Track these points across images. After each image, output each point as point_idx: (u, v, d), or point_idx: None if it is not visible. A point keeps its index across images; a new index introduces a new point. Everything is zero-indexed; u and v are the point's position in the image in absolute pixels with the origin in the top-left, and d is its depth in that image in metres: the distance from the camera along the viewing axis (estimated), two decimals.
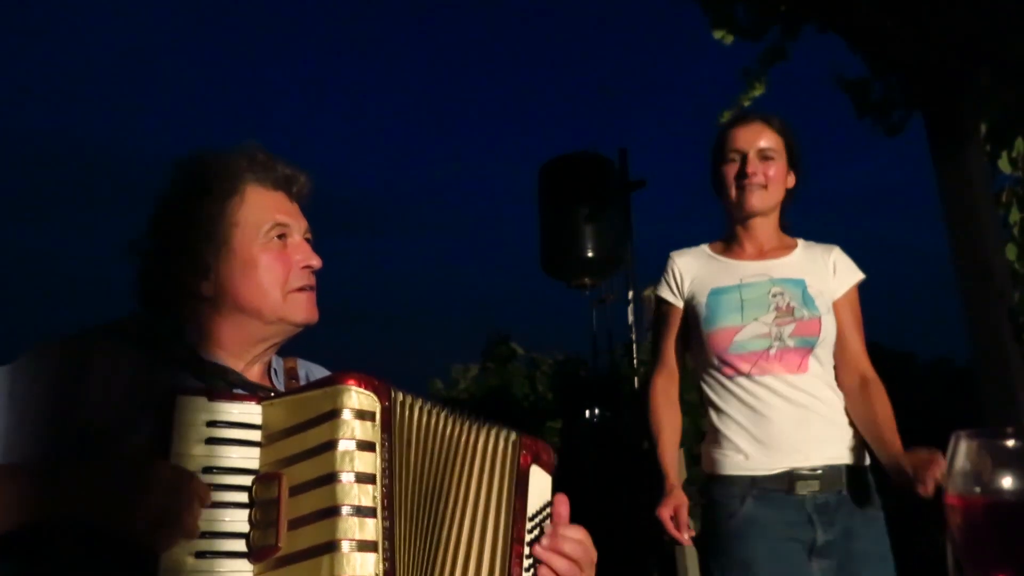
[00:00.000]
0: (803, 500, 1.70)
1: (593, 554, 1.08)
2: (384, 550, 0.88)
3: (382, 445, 0.92)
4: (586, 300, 3.93)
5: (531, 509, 1.07)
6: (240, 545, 0.88)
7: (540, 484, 1.10)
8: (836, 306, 1.83)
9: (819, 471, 1.70)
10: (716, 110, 3.66)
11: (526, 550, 1.04)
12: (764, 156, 1.82)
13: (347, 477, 0.88)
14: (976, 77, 3.14)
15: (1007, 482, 0.58)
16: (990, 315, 2.91)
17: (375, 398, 0.93)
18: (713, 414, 1.84)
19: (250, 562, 0.88)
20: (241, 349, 1.16)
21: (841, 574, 1.69)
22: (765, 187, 1.81)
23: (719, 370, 1.81)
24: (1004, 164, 3.40)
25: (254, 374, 1.17)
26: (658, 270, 2.00)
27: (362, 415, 0.91)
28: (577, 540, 1.06)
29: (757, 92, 3.56)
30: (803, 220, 2.00)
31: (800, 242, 1.91)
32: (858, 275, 1.88)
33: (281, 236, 1.16)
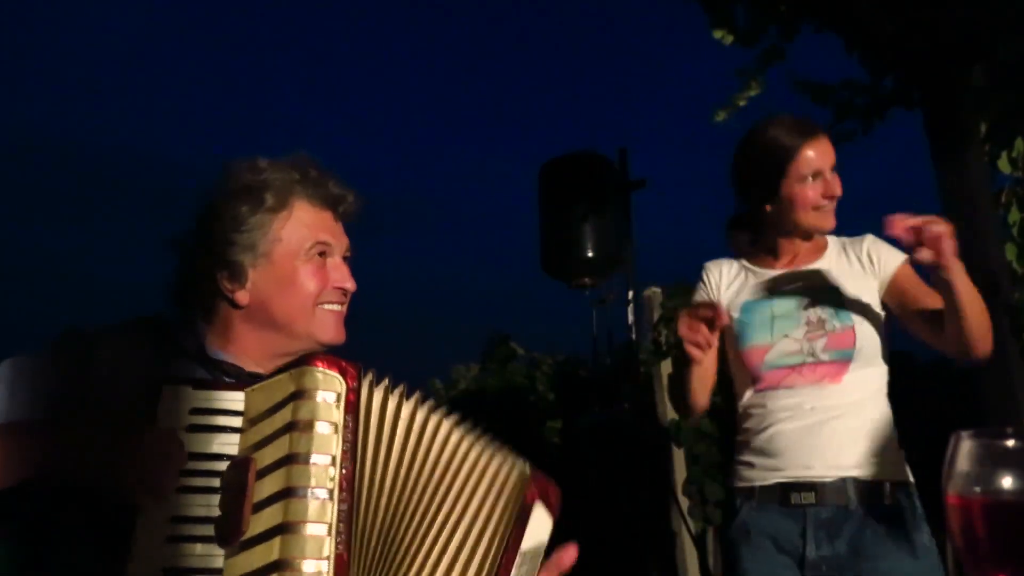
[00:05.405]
0: (803, 513, 1.63)
1: None
2: (339, 533, 0.87)
3: (345, 427, 0.91)
4: (586, 300, 3.93)
5: (525, 545, 1.06)
6: (212, 530, 0.89)
7: (540, 524, 1.09)
8: (895, 285, 1.71)
9: (818, 483, 1.62)
10: (715, 110, 3.67)
11: None
12: (833, 168, 1.71)
13: (304, 458, 0.88)
14: (974, 77, 3.15)
15: (1007, 482, 0.58)
16: (990, 315, 2.90)
17: (341, 379, 0.92)
18: (741, 426, 1.78)
19: (219, 546, 0.88)
20: (264, 359, 1.17)
21: None
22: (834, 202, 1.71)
23: (753, 385, 1.75)
24: (1004, 164, 3.41)
25: None
26: (658, 270, 1.99)
27: (326, 396, 0.91)
28: None
29: (753, 92, 3.56)
30: None
31: (831, 240, 1.81)
32: (898, 254, 1.73)
33: (322, 254, 1.17)
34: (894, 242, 1.63)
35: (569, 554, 1.11)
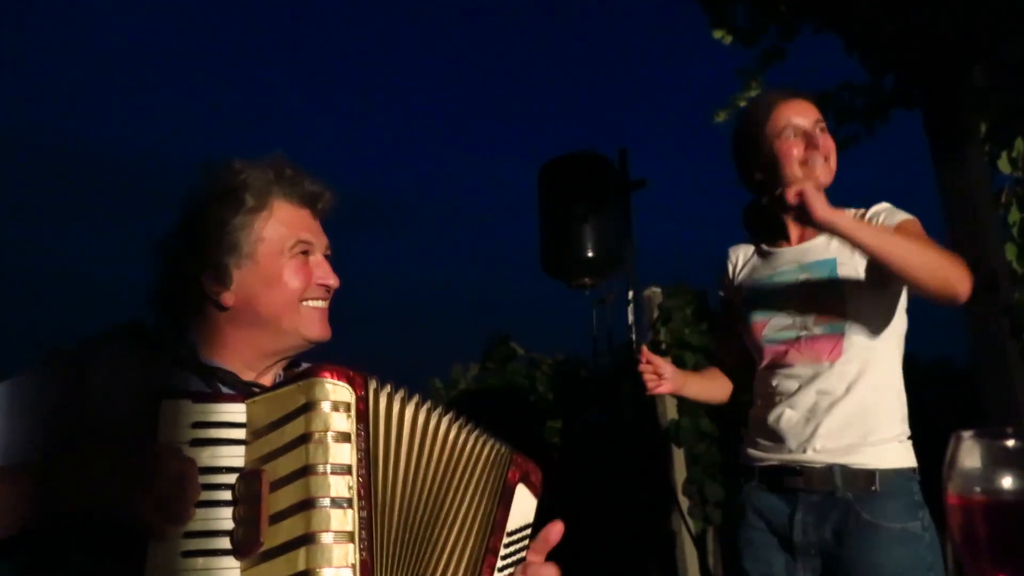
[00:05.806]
0: (796, 497, 1.65)
1: None
2: (361, 540, 0.89)
3: (358, 435, 0.93)
4: (586, 300, 3.93)
5: (511, 525, 1.10)
6: (226, 543, 0.89)
7: (524, 503, 1.13)
8: None
9: (807, 468, 1.64)
10: (715, 110, 3.67)
11: (499, 563, 1.07)
12: (821, 129, 1.71)
13: (322, 469, 0.89)
14: (974, 77, 3.15)
15: (1007, 482, 0.59)
16: (989, 315, 2.91)
17: (350, 389, 0.94)
18: (754, 399, 1.82)
19: (236, 559, 0.89)
20: (254, 360, 1.18)
21: None
22: (827, 160, 1.70)
23: (760, 362, 1.79)
24: (1004, 164, 3.40)
25: (264, 382, 1.19)
26: (658, 270, 2.01)
27: (336, 406, 0.92)
28: None
29: (753, 92, 3.57)
30: None
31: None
32: (901, 216, 1.66)
33: (304, 252, 1.18)
34: (907, 207, 1.63)
35: (555, 530, 1.15)
